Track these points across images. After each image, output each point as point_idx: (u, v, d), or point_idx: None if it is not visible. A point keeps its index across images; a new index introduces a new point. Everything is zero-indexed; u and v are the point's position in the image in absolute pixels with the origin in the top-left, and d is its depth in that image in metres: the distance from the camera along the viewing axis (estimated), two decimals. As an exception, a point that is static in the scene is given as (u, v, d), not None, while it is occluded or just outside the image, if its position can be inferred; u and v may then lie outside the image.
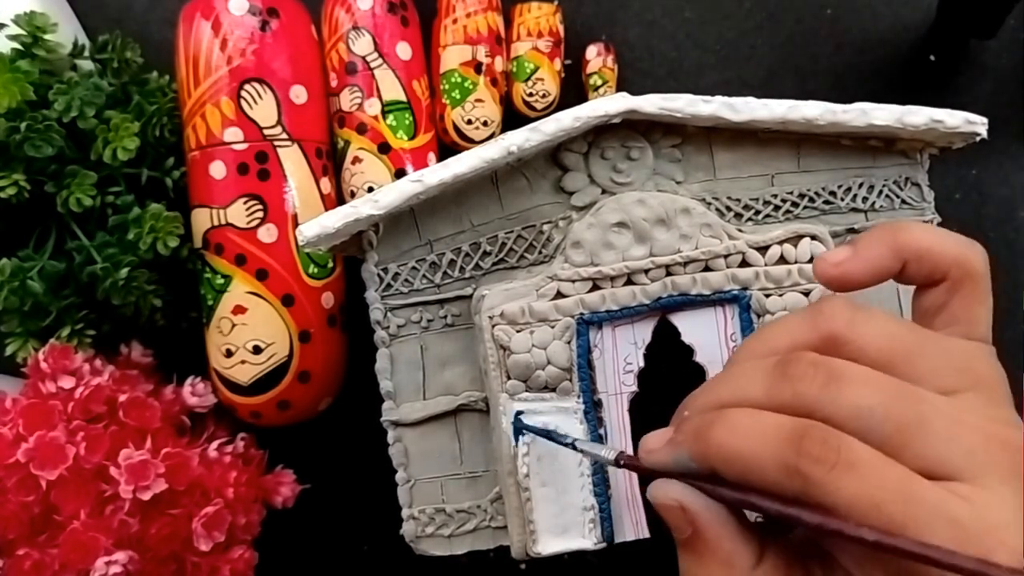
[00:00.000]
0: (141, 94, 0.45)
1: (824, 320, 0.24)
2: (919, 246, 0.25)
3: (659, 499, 0.25)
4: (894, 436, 0.21)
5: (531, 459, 0.35)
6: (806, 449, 0.21)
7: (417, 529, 0.38)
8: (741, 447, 0.22)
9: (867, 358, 0.23)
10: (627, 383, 0.35)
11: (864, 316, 0.24)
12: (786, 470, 0.21)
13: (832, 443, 0.21)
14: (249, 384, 0.43)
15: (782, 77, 0.52)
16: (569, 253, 0.35)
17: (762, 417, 0.23)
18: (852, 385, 0.22)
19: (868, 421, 0.21)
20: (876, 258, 0.26)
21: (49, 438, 0.37)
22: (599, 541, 0.35)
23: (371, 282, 0.37)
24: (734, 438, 0.23)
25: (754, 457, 0.22)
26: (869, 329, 0.23)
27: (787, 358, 0.23)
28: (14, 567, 0.37)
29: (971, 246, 0.26)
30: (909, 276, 0.26)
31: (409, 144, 0.47)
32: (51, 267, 0.42)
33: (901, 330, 0.23)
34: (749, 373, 0.24)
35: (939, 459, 0.21)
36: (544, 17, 0.49)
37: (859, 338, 0.23)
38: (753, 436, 0.22)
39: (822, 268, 0.26)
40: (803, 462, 0.21)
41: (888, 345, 0.23)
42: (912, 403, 0.21)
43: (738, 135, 0.36)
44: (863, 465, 0.21)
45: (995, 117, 0.37)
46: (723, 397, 0.24)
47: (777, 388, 0.23)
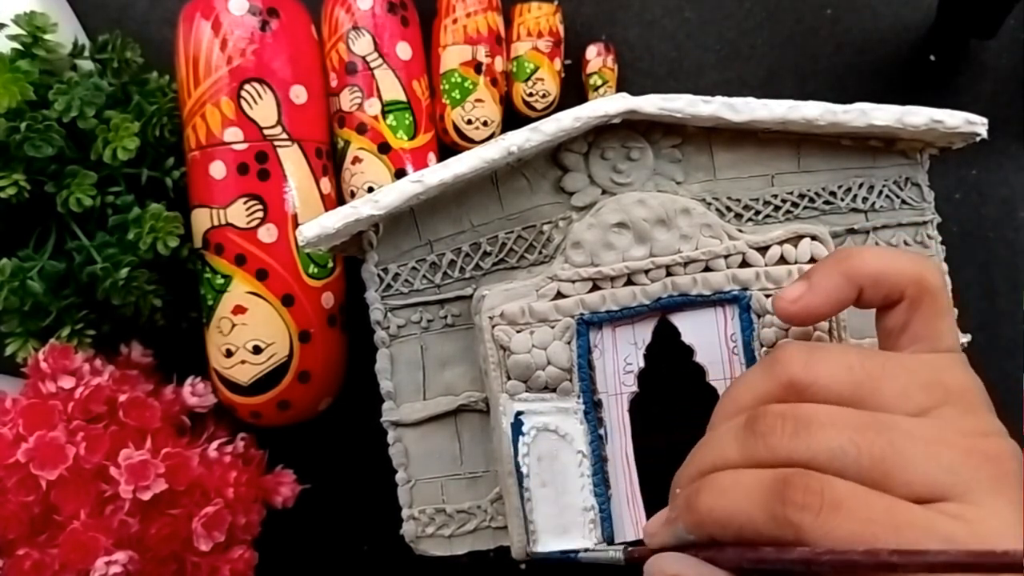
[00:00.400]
0: (141, 94, 0.45)
1: (781, 367, 0.24)
2: (872, 270, 0.26)
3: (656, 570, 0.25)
4: (873, 470, 0.21)
5: (531, 459, 0.35)
6: (790, 497, 0.21)
7: (417, 529, 0.38)
8: (729, 508, 0.23)
9: (832, 395, 0.23)
10: (627, 383, 0.35)
11: (819, 355, 0.24)
12: (776, 522, 0.21)
13: (814, 487, 0.21)
14: (249, 384, 0.43)
15: (782, 77, 0.52)
16: (569, 253, 0.35)
17: (743, 475, 0.23)
18: (820, 428, 0.22)
19: (844, 460, 0.21)
20: (832, 289, 0.26)
21: (49, 438, 0.37)
22: (599, 541, 0.35)
23: (371, 282, 0.37)
24: (721, 501, 0.23)
25: (744, 516, 0.22)
26: (826, 367, 0.23)
27: (754, 414, 0.23)
28: (14, 567, 0.37)
29: (924, 262, 0.26)
30: (867, 301, 0.26)
31: (409, 144, 0.47)
32: (51, 267, 0.42)
33: (859, 359, 0.24)
34: (723, 437, 0.25)
35: (923, 482, 0.21)
36: (544, 17, 0.49)
37: (818, 378, 0.23)
38: (738, 496, 0.22)
39: (781, 306, 0.27)
40: (790, 511, 0.21)
41: (849, 378, 0.23)
42: (882, 432, 0.22)
43: (738, 135, 0.36)
44: (848, 501, 0.21)
45: (995, 117, 0.37)
46: (704, 465, 0.25)
47: (750, 446, 0.23)
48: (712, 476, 0.24)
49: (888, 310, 0.26)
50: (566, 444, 0.35)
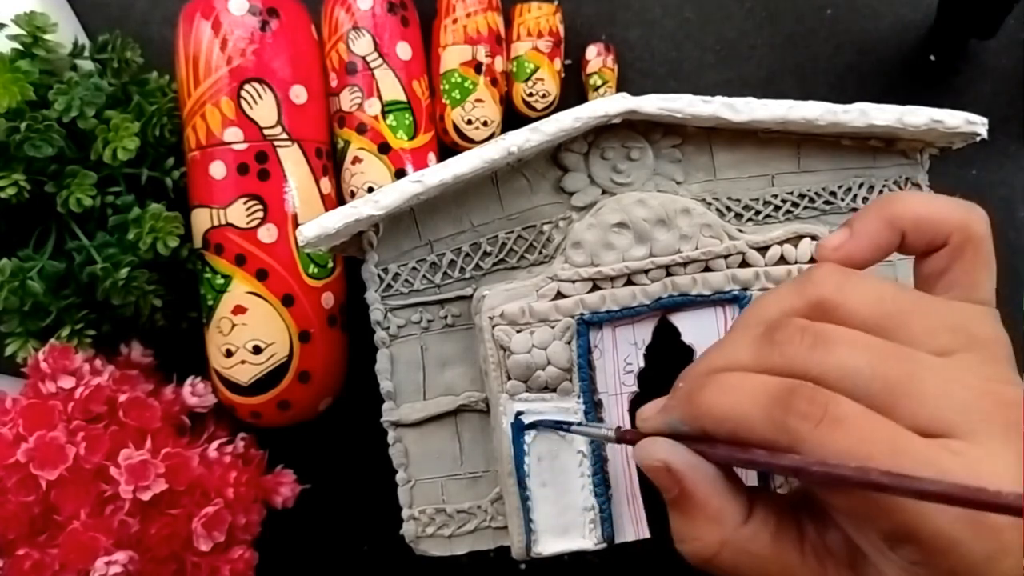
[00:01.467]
0: (141, 94, 0.45)
1: (812, 286, 0.24)
2: (916, 215, 0.25)
3: (644, 460, 0.25)
4: (883, 394, 0.21)
5: (531, 459, 0.35)
6: (794, 406, 0.21)
7: (417, 529, 0.38)
8: (730, 406, 0.22)
9: (857, 321, 0.23)
10: (627, 383, 0.35)
11: (854, 280, 0.23)
12: (774, 426, 0.21)
13: (819, 400, 0.21)
14: (249, 384, 0.43)
15: (782, 77, 0.52)
16: (569, 253, 0.35)
17: (751, 378, 0.23)
18: (839, 346, 0.22)
19: (856, 380, 0.21)
20: (874, 234, 0.25)
21: (49, 438, 0.37)
22: (599, 541, 0.35)
23: (371, 282, 0.37)
24: (723, 398, 0.23)
25: (743, 415, 0.22)
26: (858, 293, 0.23)
27: (775, 323, 0.23)
28: (14, 567, 0.37)
29: (970, 209, 0.25)
30: (909, 246, 0.26)
31: (409, 144, 0.47)
32: (51, 267, 0.42)
33: (892, 292, 0.23)
34: (739, 340, 0.24)
35: (931, 416, 0.21)
36: (544, 17, 0.49)
37: (848, 302, 0.23)
38: (742, 395, 0.22)
39: (823, 255, 0.26)
40: (791, 418, 0.21)
41: (879, 308, 0.23)
42: (902, 361, 0.21)
43: (738, 135, 0.36)
44: (850, 420, 0.20)
45: (995, 117, 0.37)
46: (714, 364, 0.25)
47: (765, 352, 0.23)
48: (720, 375, 0.23)
49: (929, 255, 0.26)
50: (566, 444, 0.35)
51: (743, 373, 0.23)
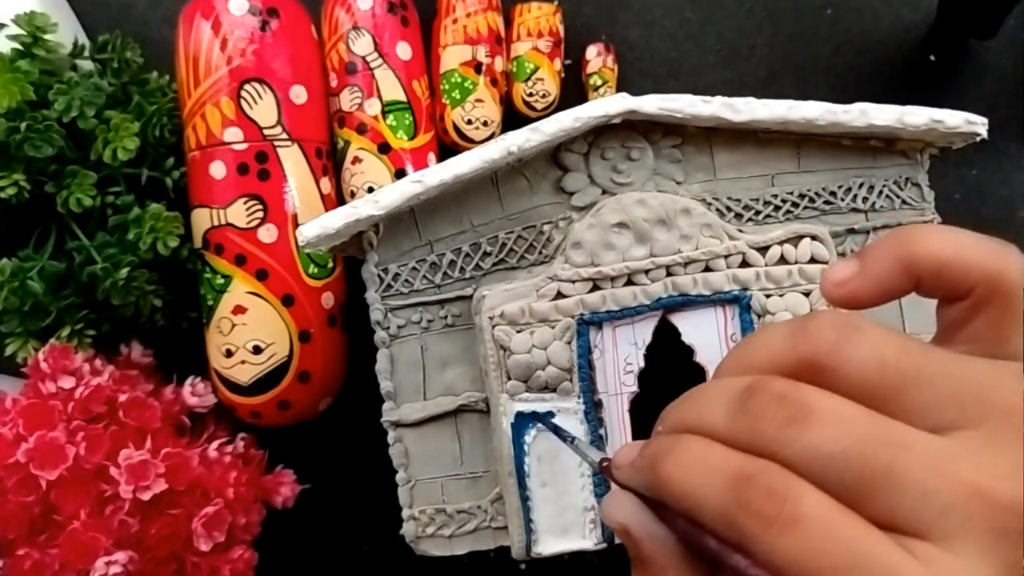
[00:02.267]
0: (141, 94, 0.45)
1: (805, 342, 0.21)
2: (936, 260, 0.22)
3: (605, 517, 0.24)
4: (858, 486, 0.19)
5: (531, 459, 0.35)
6: (747, 499, 0.19)
7: (417, 529, 0.38)
8: (687, 484, 0.20)
9: (851, 388, 0.20)
10: (627, 383, 0.35)
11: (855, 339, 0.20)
12: (723, 519, 0.19)
13: (778, 492, 0.19)
14: (249, 384, 0.43)
15: (782, 77, 0.52)
16: (569, 253, 0.35)
17: (713, 454, 0.21)
18: (817, 425, 0.19)
19: (829, 467, 0.19)
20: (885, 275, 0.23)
21: (49, 438, 0.37)
22: (599, 541, 0.35)
23: (371, 283, 0.37)
24: (681, 473, 0.21)
25: (698, 497, 0.20)
26: (856, 356, 0.20)
27: (753, 385, 0.21)
28: (14, 567, 0.37)
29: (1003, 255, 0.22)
30: (926, 292, 0.23)
31: (409, 144, 0.47)
32: (51, 267, 0.42)
33: (897, 355, 0.20)
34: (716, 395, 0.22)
35: (909, 514, 0.18)
36: (544, 17, 0.49)
37: (843, 365, 0.20)
38: (700, 474, 0.20)
39: (827, 289, 0.24)
40: (741, 515, 0.19)
41: (878, 375, 0.20)
42: (885, 447, 0.19)
43: (738, 135, 0.36)
44: (809, 522, 0.18)
45: (995, 117, 0.37)
46: (688, 419, 0.22)
47: (736, 421, 0.21)
48: (685, 440, 0.21)
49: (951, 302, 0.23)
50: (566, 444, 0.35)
51: (707, 444, 0.21)
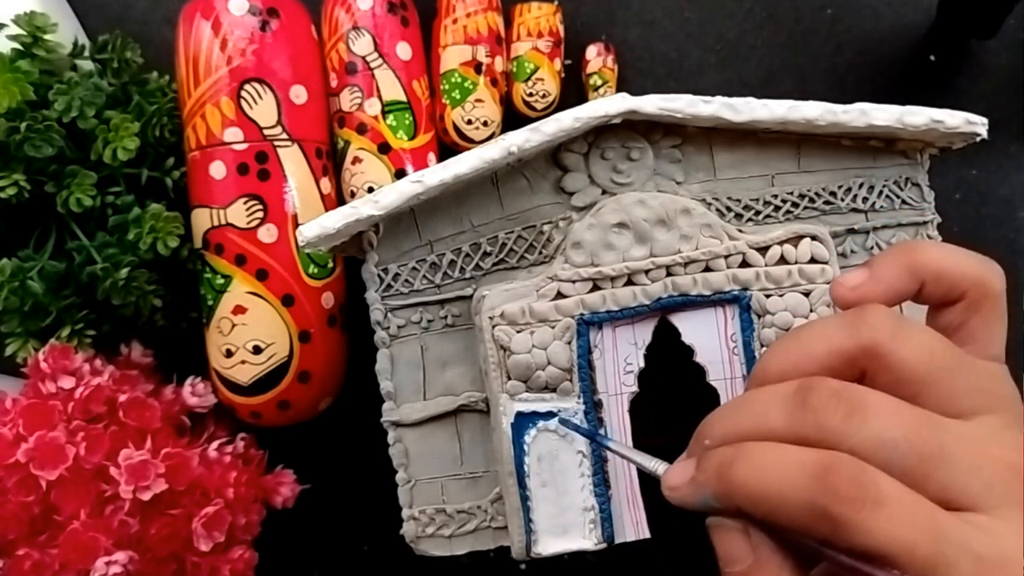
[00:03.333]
0: (141, 94, 0.45)
1: (868, 329, 0.23)
2: (937, 267, 0.25)
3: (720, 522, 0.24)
4: (917, 468, 0.21)
5: (531, 459, 0.35)
6: (834, 487, 0.20)
7: (417, 529, 0.38)
8: (766, 487, 0.21)
9: (905, 374, 0.22)
10: (627, 383, 0.35)
11: (908, 329, 0.23)
12: (814, 511, 0.21)
13: (861, 480, 0.20)
14: (249, 384, 0.43)
15: (782, 77, 0.52)
16: (569, 253, 0.35)
17: (786, 453, 0.22)
18: (875, 416, 0.21)
19: (892, 453, 0.21)
20: (894, 280, 0.25)
21: (49, 438, 0.37)
22: (599, 541, 0.35)
23: (371, 283, 0.37)
24: (758, 477, 0.22)
25: (780, 497, 0.21)
26: (912, 343, 0.23)
27: (807, 384, 0.22)
28: (14, 567, 0.37)
29: (989, 265, 0.25)
30: (926, 296, 0.26)
31: (409, 144, 0.47)
32: (51, 267, 0.42)
33: (941, 347, 0.23)
34: (770, 399, 0.23)
35: (960, 490, 0.21)
36: (544, 17, 0.49)
37: (900, 351, 0.22)
38: (778, 474, 0.21)
39: (839, 293, 0.26)
40: (832, 502, 0.20)
41: (928, 362, 0.22)
42: (934, 433, 0.21)
43: (738, 135, 0.36)
44: (892, 502, 0.20)
45: (995, 117, 0.37)
46: (743, 427, 0.23)
47: (798, 418, 0.22)
48: (751, 446, 0.23)
49: (945, 307, 0.26)
50: (566, 444, 0.35)
51: (777, 446, 0.22)
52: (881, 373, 0.23)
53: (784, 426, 0.22)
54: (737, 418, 0.24)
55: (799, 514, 0.21)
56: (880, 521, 0.20)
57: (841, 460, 0.21)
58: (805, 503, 0.21)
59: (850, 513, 0.20)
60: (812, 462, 0.21)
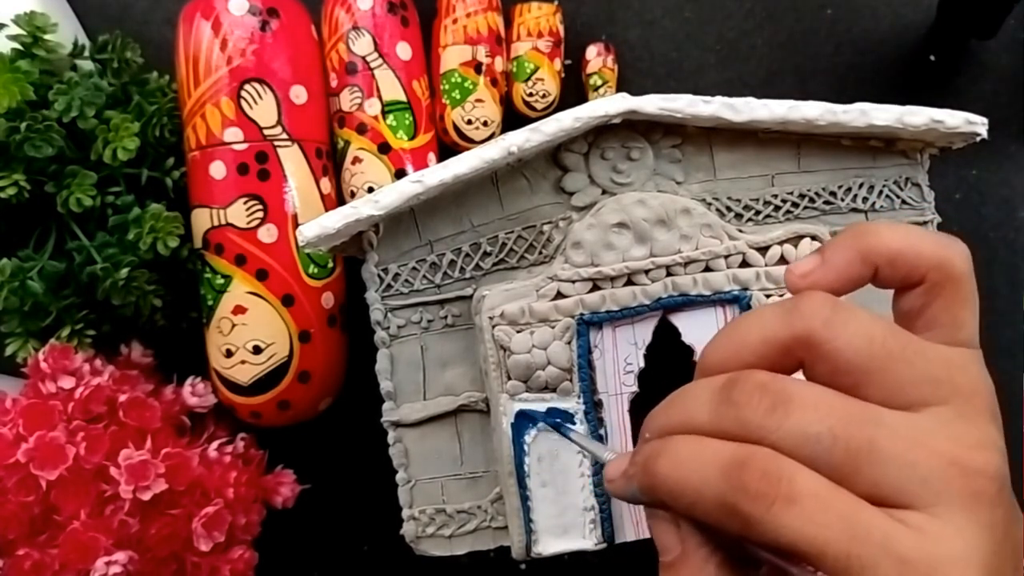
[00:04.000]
0: (141, 94, 0.45)
1: (800, 318, 0.22)
2: (889, 249, 0.24)
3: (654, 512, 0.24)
4: (844, 463, 0.20)
5: (531, 459, 0.35)
6: (744, 483, 0.20)
7: (418, 529, 0.38)
8: (682, 480, 0.21)
9: (841, 362, 0.21)
10: (627, 383, 0.35)
11: (844, 316, 0.22)
12: (724, 507, 0.20)
13: (773, 474, 0.20)
14: (249, 384, 0.43)
15: (782, 77, 0.52)
16: (569, 253, 0.35)
17: (703, 446, 0.21)
18: (799, 410, 0.20)
19: (815, 447, 0.20)
20: (845, 265, 0.24)
21: (49, 438, 0.37)
22: (599, 541, 0.35)
23: (371, 283, 0.37)
24: (676, 470, 0.21)
25: (695, 492, 0.21)
26: (848, 330, 0.22)
27: (734, 377, 0.22)
28: (14, 567, 0.37)
29: (949, 245, 0.24)
30: (883, 281, 0.24)
31: (409, 144, 0.47)
32: (51, 267, 0.42)
33: (883, 334, 0.22)
34: (699, 393, 0.23)
35: (893, 486, 0.20)
36: (544, 17, 0.49)
37: (836, 339, 0.21)
38: (693, 469, 0.21)
39: (791, 280, 0.25)
40: (740, 498, 0.20)
41: (866, 351, 0.21)
42: (864, 426, 0.20)
43: (738, 135, 0.36)
44: (805, 499, 0.19)
45: (995, 117, 0.37)
46: (674, 421, 0.23)
47: (722, 413, 0.22)
48: (674, 439, 0.22)
49: (906, 291, 0.24)
50: (566, 444, 0.35)
51: (697, 440, 0.22)
52: (818, 363, 0.22)
53: (708, 421, 0.22)
54: (670, 412, 0.24)
55: (713, 509, 0.20)
56: (789, 518, 0.19)
57: (755, 455, 0.20)
58: (716, 498, 0.20)
59: (758, 509, 0.19)
60: (726, 456, 0.21)
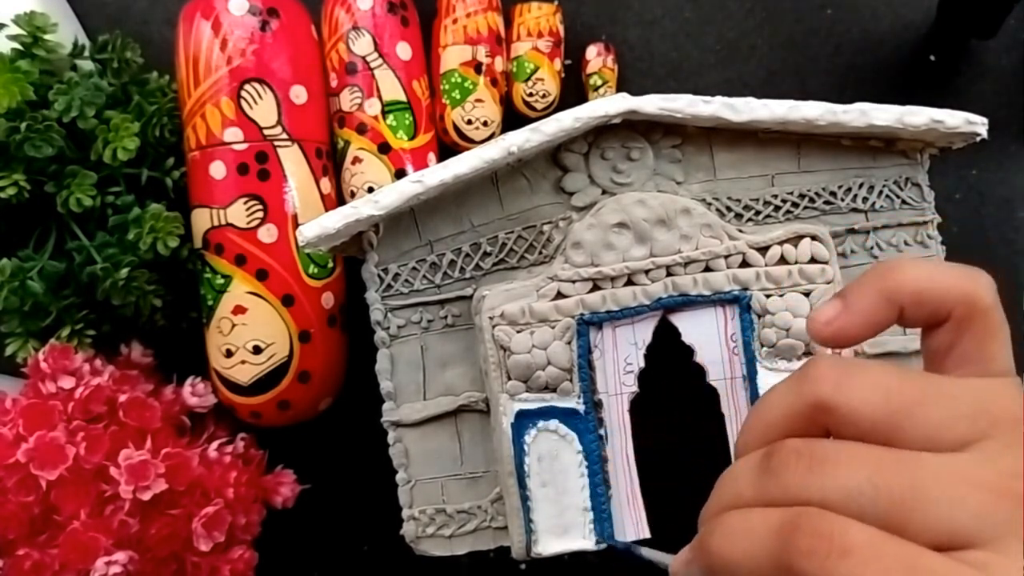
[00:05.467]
0: (141, 94, 0.45)
1: (810, 386, 0.22)
2: (914, 288, 0.23)
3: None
4: (892, 511, 0.19)
5: (531, 459, 0.35)
6: (796, 542, 0.19)
7: (418, 529, 0.38)
8: (736, 553, 0.21)
9: (864, 421, 0.21)
10: (627, 383, 0.35)
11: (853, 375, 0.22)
12: (780, 569, 0.20)
13: (824, 530, 0.19)
14: (249, 384, 0.43)
15: (782, 77, 0.52)
16: (569, 253, 0.35)
17: (750, 515, 0.21)
18: (836, 466, 0.20)
19: (860, 500, 0.20)
20: (869, 310, 0.24)
21: (49, 438, 0.37)
22: (599, 541, 0.35)
23: (371, 283, 0.37)
24: (730, 544, 0.21)
25: (749, 561, 0.21)
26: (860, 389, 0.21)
27: (770, 450, 0.22)
28: (14, 567, 0.37)
29: (973, 278, 0.23)
30: (909, 321, 0.24)
31: (409, 144, 0.47)
32: (51, 267, 0.42)
33: (898, 383, 0.21)
34: (740, 471, 0.23)
35: (946, 528, 0.19)
36: (544, 17, 0.49)
37: (850, 401, 0.21)
38: (744, 538, 0.21)
39: (815, 328, 0.25)
40: (795, 557, 0.19)
41: (885, 405, 0.21)
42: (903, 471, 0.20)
43: (738, 135, 0.36)
44: (860, 549, 0.19)
45: (995, 117, 0.37)
46: (723, 503, 0.23)
47: (763, 483, 0.22)
48: (724, 515, 0.22)
49: (934, 329, 0.24)
50: (566, 444, 0.35)
51: (745, 511, 0.22)
52: (842, 427, 0.22)
53: (753, 492, 0.22)
54: (718, 495, 0.24)
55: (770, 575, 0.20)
56: (847, 568, 0.19)
57: (803, 514, 0.20)
58: (771, 562, 0.20)
59: (814, 566, 0.19)
60: (775, 521, 0.20)
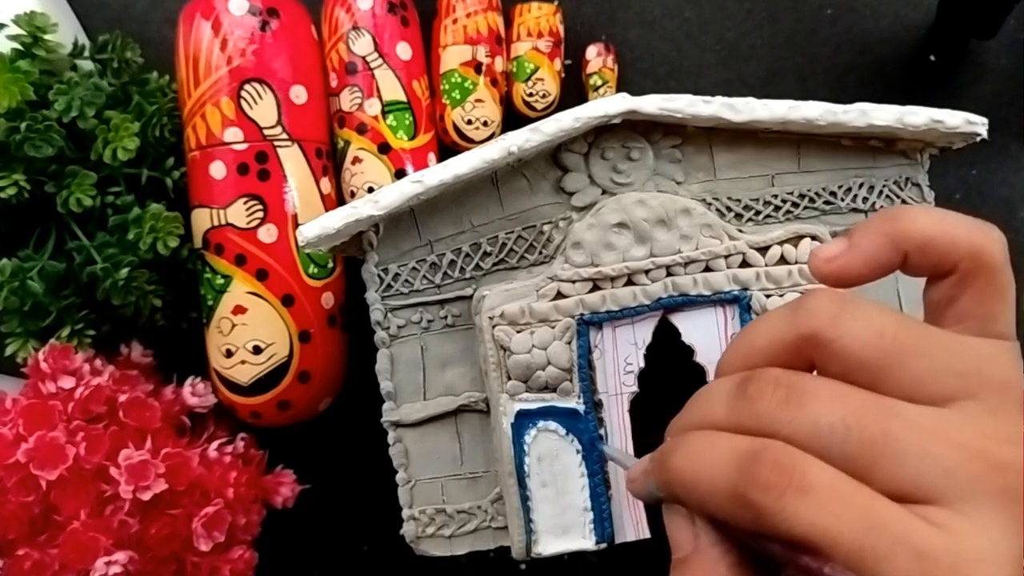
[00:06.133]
0: (141, 94, 0.45)
1: (805, 317, 0.21)
2: (922, 235, 0.22)
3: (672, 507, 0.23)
4: (860, 455, 0.19)
5: (531, 459, 0.35)
6: (756, 474, 0.19)
7: (418, 530, 0.38)
8: (695, 474, 0.21)
9: (852, 360, 0.21)
10: (627, 383, 0.35)
11: (851, 312, 0.21)
12: (735, 498, 0.20)
13: (785, 465, 0.19)
14: (249, 384, 0.43)
15: (782, 77, 0.52)
16: (569, 253, 0.35)
17: (717, 440, 0.21)
18: (813, 401, 0.20)
19: (829, 439, 0.19)
20: (874, 251, 0.23)
21: (49, 438, 0.37)
22: (599, 541, 0.35)
23: (371, 283, 0.37)
24: (690, 464, 0.21)
25: (707, 484, 0.21)
26: (855, 326, 0.21)
27: (749, 374, 0.22)
28: (14, 567, 0.37)
29: (985, 233, 0.22)
30: (913, 268, 0.23)
31: (409, 144, 0.47)
32: (51, 267, 0.42)
33: (894, 327, 0.21)
34: (714, 392, 0.23)
35: (912, 479, 0.19)
36: (544, 17, 0.49)
37: (842, 337, 0.21)
38: (706, 461, 0.21)
39: (816, 264, 0.24)
40: (752, 489, 0.19)
41: (877, 346, 0.20)
42: (880, 416, 0.19)
43: (738, 135, 0.36)
44: (819, 489, 0.19)
45: (995, 117, 0.37)
46: (692, 420, 0.23)
47: (737, 408, 0.21)
48: (689, 435, 0.22)
49: (938, 280, 0.23)
50: (566, 444, 0.35)
51: (712, 433, 0.21)
52: (829, 363, 0.21)
53: (724, 416, 0.22)
54: (688, 412, 0.24)
55: (725, 502, 0.20)
56: (802, 508, 0.19)
57: (767, 446, 0.20)
58: (729, 490, 0.20)
59: (770, 500, 0.19)
60: (739, 450, 0.20)
